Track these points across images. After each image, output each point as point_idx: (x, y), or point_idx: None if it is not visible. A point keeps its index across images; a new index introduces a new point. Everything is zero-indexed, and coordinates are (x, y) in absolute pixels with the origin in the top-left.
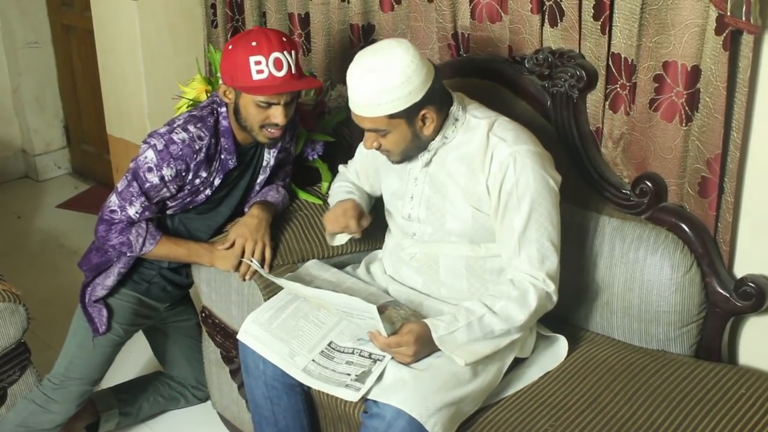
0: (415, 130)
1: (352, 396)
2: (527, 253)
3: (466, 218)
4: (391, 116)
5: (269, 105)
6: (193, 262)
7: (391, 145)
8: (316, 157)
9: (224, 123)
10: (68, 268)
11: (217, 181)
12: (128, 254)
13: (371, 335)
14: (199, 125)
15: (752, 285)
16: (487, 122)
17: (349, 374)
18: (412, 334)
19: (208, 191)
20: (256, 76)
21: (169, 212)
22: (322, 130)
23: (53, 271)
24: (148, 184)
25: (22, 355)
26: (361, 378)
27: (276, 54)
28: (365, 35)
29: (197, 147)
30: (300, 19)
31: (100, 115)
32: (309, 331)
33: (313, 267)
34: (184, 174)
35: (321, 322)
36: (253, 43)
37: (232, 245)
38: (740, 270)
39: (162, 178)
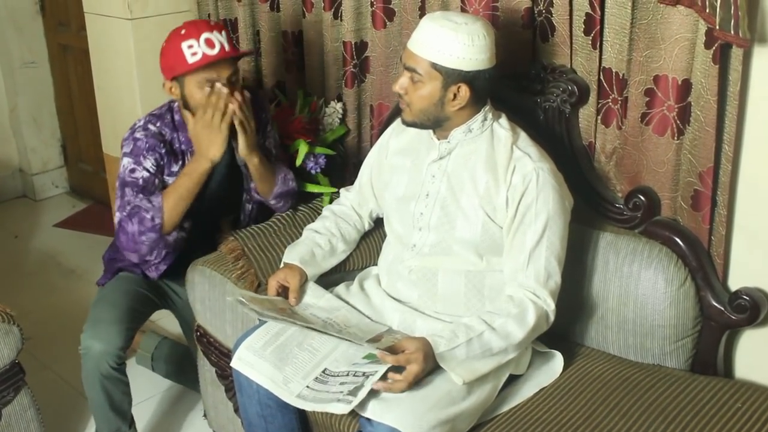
0: (443, 97)
1: (342, 409)
2: (535, 269)
3: (476, 226)
4: (435, 66)
5: (212, 85)
6: (201, 176)
7: (416, 97)
8: (318, 170)
9: (177, 117)
10: (65, 287)
11: None
12: (153, 222)
13: (380, 355)
14: (158, 124)
15: (747, 298)
16: (512, 134)
17: (341, 391)
18: (420, 352)
19: None
20: (191, 59)
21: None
22: (321, 145)
23: (50, 291)
24: (141, 181)
25: (16, 376)
26: (353, 392)
27: (206, 35)
28: (358, 52)
29: (160, 140)
30: (293, 37)
31: (97, 134)
32: (303, 358)
33: (307, 293)
34: (161, 163)
35: (315, 350)
36: (182, 31)
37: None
38: (735, 283)
39: (147, 170)
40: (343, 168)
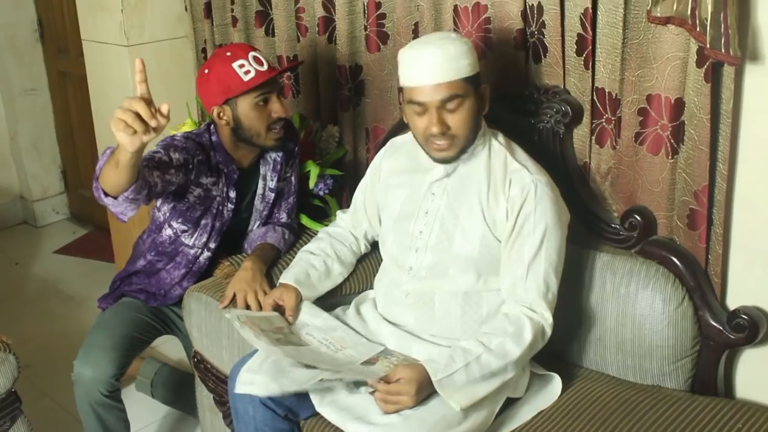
0: (476, 105)
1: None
2: (534, 281)
3: (475, 242)
4: (467, 79)
5: (266, 101)
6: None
7: (460, 122)
8: (326, 191)
9: (214, 138)
10: (65, 314)
11: (232, 194)
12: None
13: (377, 396)
14: (196, 141)
15: (745, 317)
16: (508, 148)
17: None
18: (413, 384)
19: (229, 205)
20: (246, 77)
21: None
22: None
23: (50, 318)
24: (158, 146)
25: (12, 405)
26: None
27: (252, 53)
28: (353, 76)
29: (198, 148)
30: (288, 62)
31: (96, 160)
32: (299, 373)
33: (304, 312)
34: (190, 167)
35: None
36: (228, 53)
37: (232, 302)
38: (733, 302)
39: (169, 156)
40: (341, 191)
